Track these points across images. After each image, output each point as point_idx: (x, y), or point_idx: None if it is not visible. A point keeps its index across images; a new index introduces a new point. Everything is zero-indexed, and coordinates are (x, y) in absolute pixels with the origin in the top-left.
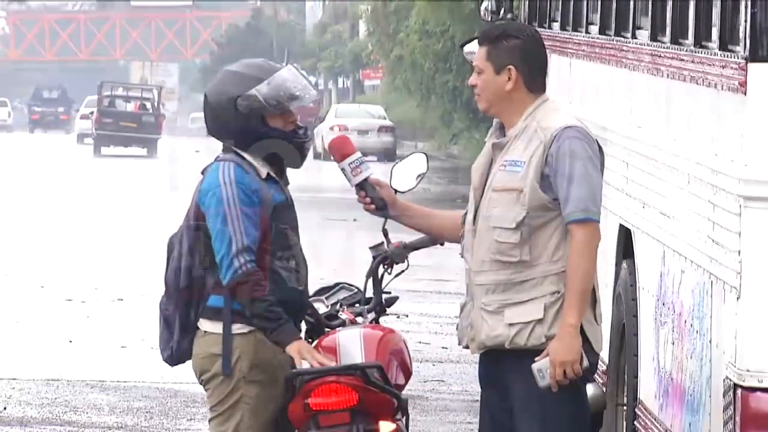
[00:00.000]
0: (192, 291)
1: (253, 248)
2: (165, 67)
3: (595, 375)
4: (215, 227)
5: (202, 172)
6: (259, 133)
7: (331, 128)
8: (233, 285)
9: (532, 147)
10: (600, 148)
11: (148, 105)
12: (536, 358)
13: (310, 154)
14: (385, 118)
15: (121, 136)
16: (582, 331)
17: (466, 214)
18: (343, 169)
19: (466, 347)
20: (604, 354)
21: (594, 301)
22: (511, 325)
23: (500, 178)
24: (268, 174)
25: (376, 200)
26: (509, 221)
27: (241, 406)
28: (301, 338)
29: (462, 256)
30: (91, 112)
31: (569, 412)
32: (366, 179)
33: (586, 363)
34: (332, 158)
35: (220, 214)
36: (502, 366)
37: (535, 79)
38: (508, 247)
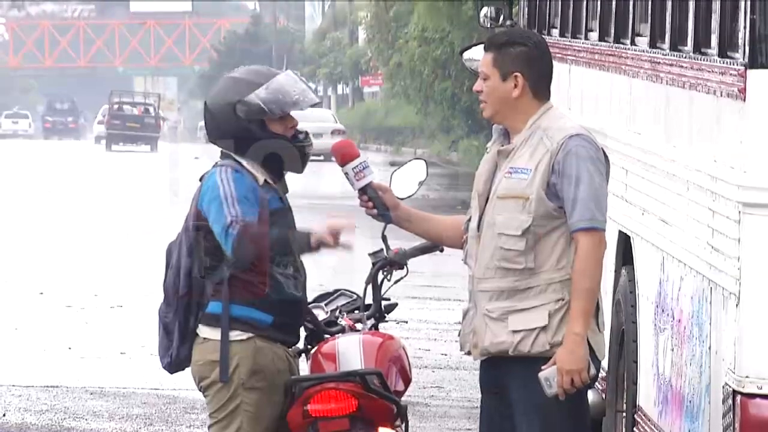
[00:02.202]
0: (191, 296)
1: (246, 219)
2: (164, 81)
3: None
4: (211, 210)
5: (200, 179)
6: (259, 138)
7: None
8: (236, 246)
9: (538, 155)
10: (606, 156)
11: (150, 110)
12: (543, 367)
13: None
14: (336, 122)
15: (127, 135)
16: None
17: (469, 220)
18: (346, 174)
19: (468, 353)
20: (604, 360)
21: (597, 309)
22: (515, 332)
23: (505, 185)
24: (265, 181)
25: (378, 205)
26: (515, 228)
27: (241, 412)
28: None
29: (465, 263)
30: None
31: (571, 418)
32: (369, 183)
33: (593, 371)
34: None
35: (216, 199)
36: (504, 372)
37: (540, 86)
38: (513, 255)
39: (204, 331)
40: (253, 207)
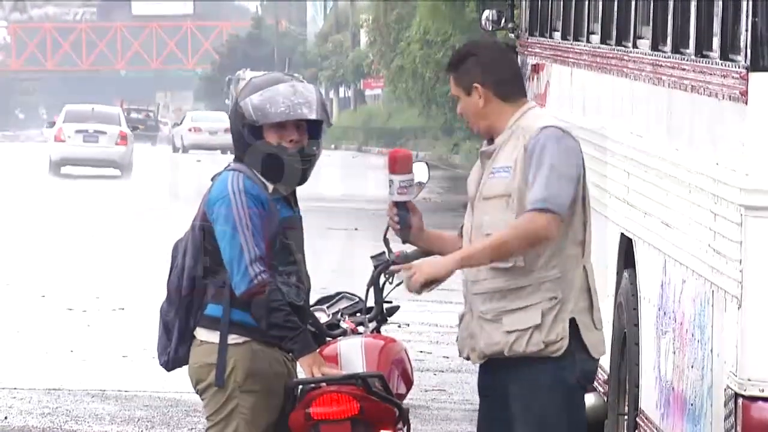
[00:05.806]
0: (193, 297)
1: (264, 259)
2: (181, 95)
3: (596, 384)
4: (225, 234)
5: (212, 179)
6: (248, 144)
7: (189, 130)
8: (249, 295)
9: (516, 151)
10: (580, 148)
11: (151, 114)
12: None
13: (170, 148)
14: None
15: (134, 134)
16: (579, 337)
17: (462, 227)
18: (392, 181)
19: (467, 358)
20: (606, 363)
21: (591, 306)
22: (509, 332)
23: (490, 185)
24: (275, 189)
25: (403, 223)
26: (501, 227)
27: (237, 416)
28: (315, 350)
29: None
30: None
31: (568, 419)
32: (406, 202)
33: (589, 367)
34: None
35: (230, 222)
36: (501, 375)
37: (506, 88)
38: None
39: (201, 333)
40: (262, 234)
